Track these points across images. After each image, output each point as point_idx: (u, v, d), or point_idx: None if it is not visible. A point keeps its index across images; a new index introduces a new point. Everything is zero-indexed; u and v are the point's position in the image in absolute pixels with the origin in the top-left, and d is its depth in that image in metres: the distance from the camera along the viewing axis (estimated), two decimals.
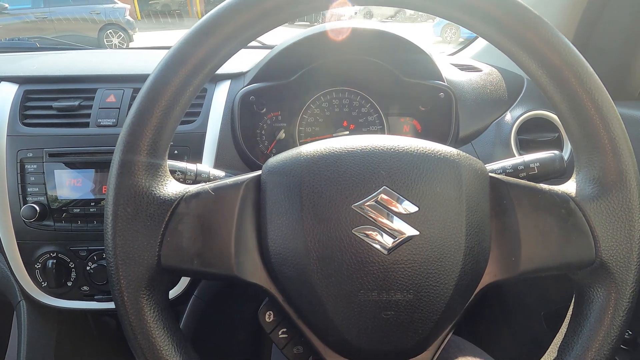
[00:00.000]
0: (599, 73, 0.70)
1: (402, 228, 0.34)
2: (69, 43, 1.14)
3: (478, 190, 0.37)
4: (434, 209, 0.34)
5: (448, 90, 0.67)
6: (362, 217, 0.34)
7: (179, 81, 0.34)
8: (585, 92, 0.36)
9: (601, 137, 0.36)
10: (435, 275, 0.34)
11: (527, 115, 0.71)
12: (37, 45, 1.13)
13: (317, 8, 0.36)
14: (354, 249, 0.34)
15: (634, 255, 0.36)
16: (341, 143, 0.37)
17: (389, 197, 0.34)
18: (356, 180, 0.35)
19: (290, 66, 0.67)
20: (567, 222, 0.37)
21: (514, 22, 0.35)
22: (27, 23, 7.24)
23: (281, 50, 0.65)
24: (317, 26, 0.63)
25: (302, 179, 0.35)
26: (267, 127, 0.77)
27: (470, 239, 0.35)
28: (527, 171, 0.51)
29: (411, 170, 0.35)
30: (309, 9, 0.36)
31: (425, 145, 0.37)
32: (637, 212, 0.36)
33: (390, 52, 0.67)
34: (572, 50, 0.36)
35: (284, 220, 0.35)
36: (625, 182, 0.36)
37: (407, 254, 0.34)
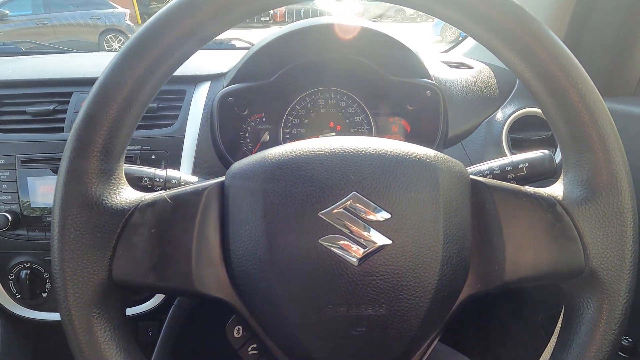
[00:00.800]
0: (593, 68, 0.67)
1: (373, 237, 0.31)
2: (56, 47, 1.12)
3: (457, 195, 0.34)
4: (408, 216, 0.32)
5: (435, 89, 0.65)
6: (330, 226, 0.31)
7: (132, 82, 0.32)
8: (571, 86, 0.33)
9: (590, 136, 0.34)
10: (409, 288, 0.32)
11: (519, 113, 0.68)
12: (22, 49, 1.11)
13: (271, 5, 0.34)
14: (320, 260, 0.31)
15: (627, 263, 0.33)
16: (309, 145, 0.34)
17: (358, 204, 0.32)
18: (323, 185, 0.32)
19: (269, 66, 0.65)
20: (554, 227, 0.34)
21: (492, 10, 0.33)
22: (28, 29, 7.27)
23: (258, 49, 0.63)
24: (295, 23, 0.60)
25: (266, 184, 0.32)
26: (251, 130, 0.75)
27: (448, 247, 0.32)
28: (515, 172, 0.48)
29: (383, 175, 0.32)
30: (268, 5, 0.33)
31: (399, 147, 0.34)
32: (629, 217, 0.33)
33: (373, 49, 0.65)
34: (557, 41, 0.33)
35: (247, 229, 0.32)
36: (616, 184, 0.33)
37: (378, 265, 0.31)
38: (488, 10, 0.33)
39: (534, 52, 0.33)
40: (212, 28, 0.33)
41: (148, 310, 0.68)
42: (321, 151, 0.33)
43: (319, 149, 0.34)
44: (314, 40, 0.62)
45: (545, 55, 0.33)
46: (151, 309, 0.68)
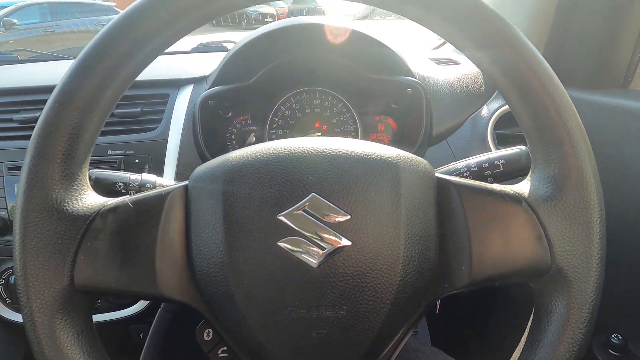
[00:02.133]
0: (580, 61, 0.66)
1: (333, 238, 0.31)
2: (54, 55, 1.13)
3: (420, 194, 0.34)
4: (367, 217, 0.32)
5: (416, 86, 0.64)
6: (289, 228, 0.31)
7: (91, 88, 0.32)
8: (536, 81, 0.33)
9: (556, 132, 0.33)
10: (369, 289, 0.31)
11: (505, 109, 0.67)
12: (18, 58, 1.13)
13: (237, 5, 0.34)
14: (279, 262, 0.31)
15: (594, 260, 0.32)
16: (270, 147, 0.34)
17: (317, 205, 0.31)
18: (282, 187, 0.32)
19: (248, 67, 0.65)
20: (520, 225, 0.33)
21: (452, 4, 0.32)
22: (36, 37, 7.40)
23: (235, 51, 0.63)
24: (272, 24, 0.60)
25: (226, 187, 0.32)
26: (237, 132, 0.75)
27: (410, 247, 0.32)
28: (492, 169, 0.47)
29: (343, 175, 0.32)
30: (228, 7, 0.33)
31: (360, 148, 0.34)
32: (595, 213, 0.32)
33: (352, 48, 0.64)
34: (520, 36, 0.33)
35: (208, 232, 0.32)
36: (582, 180, 0.33)
37: (338, 266, 0.31)
38: (447, 3, 0.32)
39: (497, 46, 0.33)
40: (170, 33, 0.33)
41: (137, 312, 0.69)
42: (281, 153, 0.33)
43: (279, 151, 0.33)
44: (291, 40, 0.62)
45: (509, 50, 0.33)
46: (140, 312, 0.68)
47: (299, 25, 0.59)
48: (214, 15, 0.34)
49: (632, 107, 0.58)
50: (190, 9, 0.32)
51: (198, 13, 0.32)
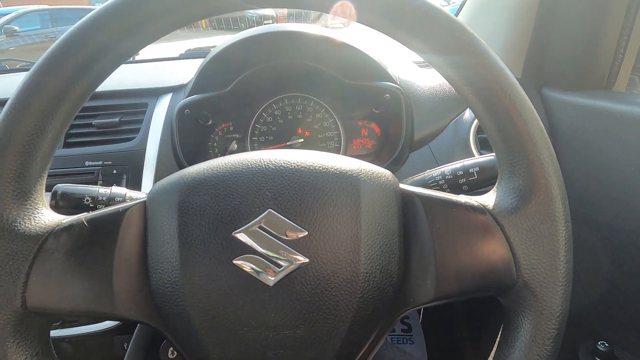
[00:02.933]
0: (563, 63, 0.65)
1: (289, 256, 0.30)
2: None
3: (382, 208, 0.33)
4: (325, 233, 0.31)
5: (395, 91, 0.63)
6: (244, 246, 0.30)
7: (47, 100, 0.31)
8: (498, 90, 0.32)
9: (520, 143, 0.32)
10: (328, 308, 0.30)
11: None
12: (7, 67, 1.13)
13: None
14: (234, 281, 0.30)
15: (560, 274, 0.31)
16: (227, 161, 0.33)
17: (274, 222, 0.31)
18: (238, 204, 0.31)
19: (223, 75, 0.64)
20: (484, 238, 0.33)
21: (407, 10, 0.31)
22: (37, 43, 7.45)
23: (210, 59, 0.62)
24: (245, 31, 0.59)
25: (181, 204, 0.32)
26: (219, 140, 0.75)
27: (371, 263, 0.31)
28: (467, 177, 0.46)
29: (300, 190, 0.31)
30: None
31: (319, 161, 0.33)
32: (561, 225, 0.31)
33: (327, 55, 0.63)
34: (477, 40, 0.32)
35: (163, 250, 0.32)
36: (547, 191, 0.32)
37: (295, 284, 0.30)
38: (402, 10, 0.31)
39: (457, 53, 0.32)
40: (129, 43, 0.32)
41: (122, 324, 0.68)
42: (238, 167, 0.32)
43: (236, 165, 0.33)
44: (265, 48, 0.61)
45: (470, 58, 0.32)
46: (125, 323, 0.68)
47: (273, 33, 0.59)
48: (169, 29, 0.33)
49: (615, 109, 0.57)
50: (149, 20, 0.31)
51: (155, 26, 0.32)
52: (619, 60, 0.60)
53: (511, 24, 0.69)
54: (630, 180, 0.56)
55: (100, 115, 0.67)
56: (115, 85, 0.70)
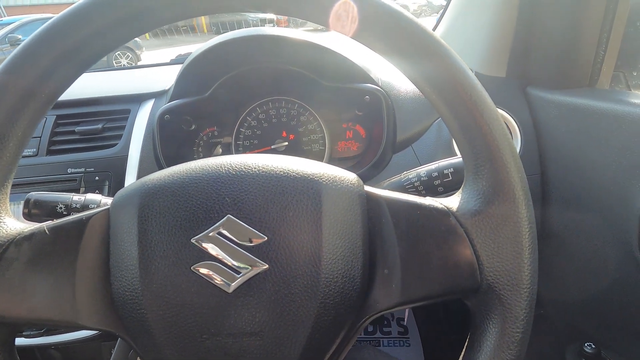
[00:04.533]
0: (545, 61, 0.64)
1: (248, 262, 0.30)
2: None
3: (345, 211, 0.32)
4: (285, 238, 0.30)
5: (375, 92, 0.63)
6: (203, 252, 0.30)
7: (6, 109, 0.31)
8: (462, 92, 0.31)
9: (485, 144, 0.31)
10: (288, 314, 0.30)
11: None
12: None
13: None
14: (193, 288, 0.30)
15: (524, 277, 0.31)
16: (188, 167, 0.33)
17: (233, 227, 0.30)
18: (197, 209, 0.31)
19: (202, 80, 0.64)
20: (448, 241, 0.32)
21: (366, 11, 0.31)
22: None
23: (188, 64, 0.62)
24: (220, 36, 0.59)
25: (142, 211, 0.32)
26: (204, 144, 0.75)
27: (332, 268, 0.31)
28: (442, 178, 0.46)
29: (260, 195, 0.31)
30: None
31: (280, 164, 0.33)
32: (524, 227, 0.31)
33: (304, 58, 0.63)
34: (439, 41, 0.32)
35: (124, 258, 0.32)
36: (510, 192, 0.31)
37: (254, 291, 0.30)
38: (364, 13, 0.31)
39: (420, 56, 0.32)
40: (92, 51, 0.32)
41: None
42: (198, 173, 0.32)
43: (196, 171, 0.33)
44: (242, 51, 0.61)
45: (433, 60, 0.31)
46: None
47: (250, 37, 0.59)
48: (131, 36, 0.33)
49: (597, 106, 0.56)
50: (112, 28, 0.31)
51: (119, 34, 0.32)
52: (600, 57, 0.59)
53: (493, 23, 0.68)
54: (613, 178, 0.55)
55: (83, 122, 0.67)
56: (98, 92, 0.70)
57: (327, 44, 0.61)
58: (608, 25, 0.57)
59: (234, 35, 0.59)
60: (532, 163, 0.66)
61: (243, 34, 0.58)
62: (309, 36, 0.59)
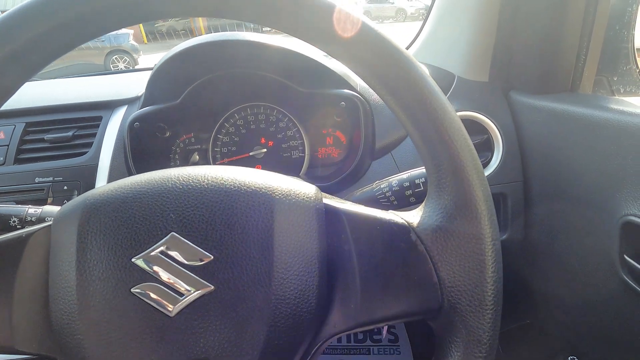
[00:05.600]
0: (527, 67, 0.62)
1: (192, 283, 0.28)
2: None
3: (299, 227, 0.31)
4: (234, 257, 0.29)
5: (351, 98, 0.61)
6: (144, 273, 0.28)
7: None
8: (424, 102, 0.30)
9: (448, 157, 0.30)
10: (235, 338, 0.28)
11: None
12: None
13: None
14: (133, 312, 0.28)
15: (487, 297, 0.29)
16: (132, 182, 0.31)
17: (177, 246, 0.28)
18: (139, 227, 0.29)
19: (172, 86, 0.62)
20: (408, 258, 0.30)
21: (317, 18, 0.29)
22: None
23: (157, 70, 0.60)
24: (188, 41, 0.58)
25: (82, 228, 0.30)
26: (181, 152, 0.73)
27: (284, 288, 0.29)
28: (413, 188, 0.44)
29: (207, 211, 0.29)
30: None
31: (231, 177, 0.31)
32: (488, 244, 0.29)
33: (277, 63, 0.62)
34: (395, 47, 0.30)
35: (62, 278, 0.30)
36: (473, 208, 0.29)
37: (198, 314, 0.28)
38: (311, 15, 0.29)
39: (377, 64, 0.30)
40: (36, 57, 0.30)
41: None
42: (143, 188, 0.30)
43: (140, 185, 0.31)
44: (213, 56, 0.59)
45: (392, 68, 0.30)
46: None
47: (219, 42, 0.57)
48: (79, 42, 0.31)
49: (579, 112, 0.55)
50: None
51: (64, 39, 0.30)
52: (582, 61, 0.58)
53: (475, 27, 0.67)
54: (596, 186, 0.54)
55: (53, 129, 0.65)
56: (70, 99, 0.68)
57: (303, 50, 0.59)
58: (588, 29, 0.55)
59: (204, 40, 0.57)
60: (514, 170, 0.64)
61: (214, 38, 0.57)
62: (283, 42, 0.58)
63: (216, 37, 0.56)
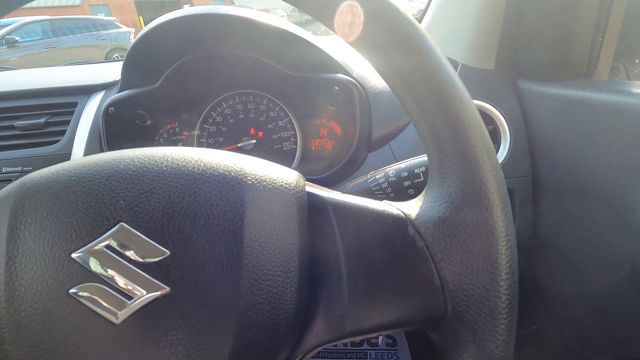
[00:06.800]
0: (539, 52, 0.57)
1: (143, 284, 0.23)
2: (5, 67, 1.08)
3: (276, 218, 0.26)
4: (193, 253, 0.24)
5: (346, 83, 0.56)
6: (85, 271, 0.23)
7: None
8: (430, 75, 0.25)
9: (454, 136, 0.25)
10: (194, 353, 0.23)
11: None
12: None
13: None
14: (71, 318, 0.23)
15: (501, 302, 0.24)
16: (78, 164, 0.26)
17: (126, 239, 0.24)
18: (82, 216, 0.24)
19: (150, 67, 0.57)
20: (405, 256, 0.25)
21: None
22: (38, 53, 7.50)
23: (132, 49, 0.55)
24: (167, 14, 0.52)
25: (14, 217, 0.25)
26: (165, 142, 0.68)
27: (255, 292, 0.24)
28: (412, 179, 0.39)
29: (163, 197, 0.24)
30: None
31: (195, 158, 0.26)
32: (501, 239, 0.24)
33: (265, 43, 0.56)
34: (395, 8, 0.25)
35: None
36: (482, 194, 0.24)
37: (149, 322, 0.23)
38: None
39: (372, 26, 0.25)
40: None
41: None
42: (89, 170, 0.26)
43: (87, 167, 0.26)
44: (194, 34, 0.54)
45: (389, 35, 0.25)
46: None
47: (200, 16, 0.51)
48: None
49: (596, 98, 0.50)
50: None
51: None
52: (597, 46, 0.53)
53: (480, 11, 0.62)
54: (614, 180, 0.49)
55: (24, 116, 0.60)
56: (43, 83, 0.63)
57: (294, 29, 0.54)
58: (606, 11, 0.51)
59: (183, 13, 0.51)
60: (522, 164, 0.59)
61: (196, 11, 0.51)
62: (273, 20, 0.53)
63: (199, 10, 0.51)
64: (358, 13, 0.25)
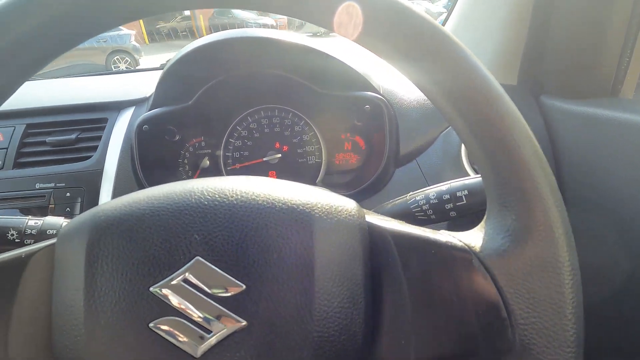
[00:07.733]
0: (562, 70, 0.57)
1: (221, 318, 0.24)
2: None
3: (343, 250, 0.26)
4: (268, 286, 0.24)
5: (376, 101, 0.57)
6: (164, 305, 0.24)
7: None
8: (486, 104, 0.26)
9: (514, 168, 0.26)
10: None
11: None
12: None
13: None
14: (151, 350, 0.24)
15: (569, 335, 0.25)
16: (150, 194, 0.27)
17: (203, 273, 0.24)
18: (158, 250, 0.25)
19: (184, 86, 0.58)
20: (470, 287, 0.26)
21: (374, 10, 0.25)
22: None
23: (168, 69, 0.56)
24: (201, 38, 0.53)
25: (90, 250, 0.25)
26: (190, 156, 0.69)
27: (326, 323, 0.25)
28: (454, 201, 0.40)
29: (237, 231, 0.25)
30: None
31: (263, 191, 0.27)
32: (567, 274, 0.25)
33: (297, 62, 0.57)
34: (457, 44, 0.26)
35: (67, 308, 0.25)
36: (547, 229, 0.25)
37: (228, 355, 0.24)
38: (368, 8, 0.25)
39: (433, 60, 0.26)
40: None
41: None
42: (162, 203, 0.26)
43: (159, 200, 0.26)
44: (227, 56, 0.55)
45: (450, 66, 0.26)
46: None
47: (236, 39, 0.53)
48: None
49: (622, 118, 0.51)
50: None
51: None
52: (625, 64, 0.54)
53: (504, 26, 0.63)
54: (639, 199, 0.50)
55: (55, 132, 0.61)
56: (73, 99, 0.64)
57: (323, 48, 0.55)
58: (635, 28, 0.52)
59: (219, 37, 0.53)
60: None
61: (230, 35, 0.52)
62: (303, 39, 0.54)
63: (231, 34, 0.52)
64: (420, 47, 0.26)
